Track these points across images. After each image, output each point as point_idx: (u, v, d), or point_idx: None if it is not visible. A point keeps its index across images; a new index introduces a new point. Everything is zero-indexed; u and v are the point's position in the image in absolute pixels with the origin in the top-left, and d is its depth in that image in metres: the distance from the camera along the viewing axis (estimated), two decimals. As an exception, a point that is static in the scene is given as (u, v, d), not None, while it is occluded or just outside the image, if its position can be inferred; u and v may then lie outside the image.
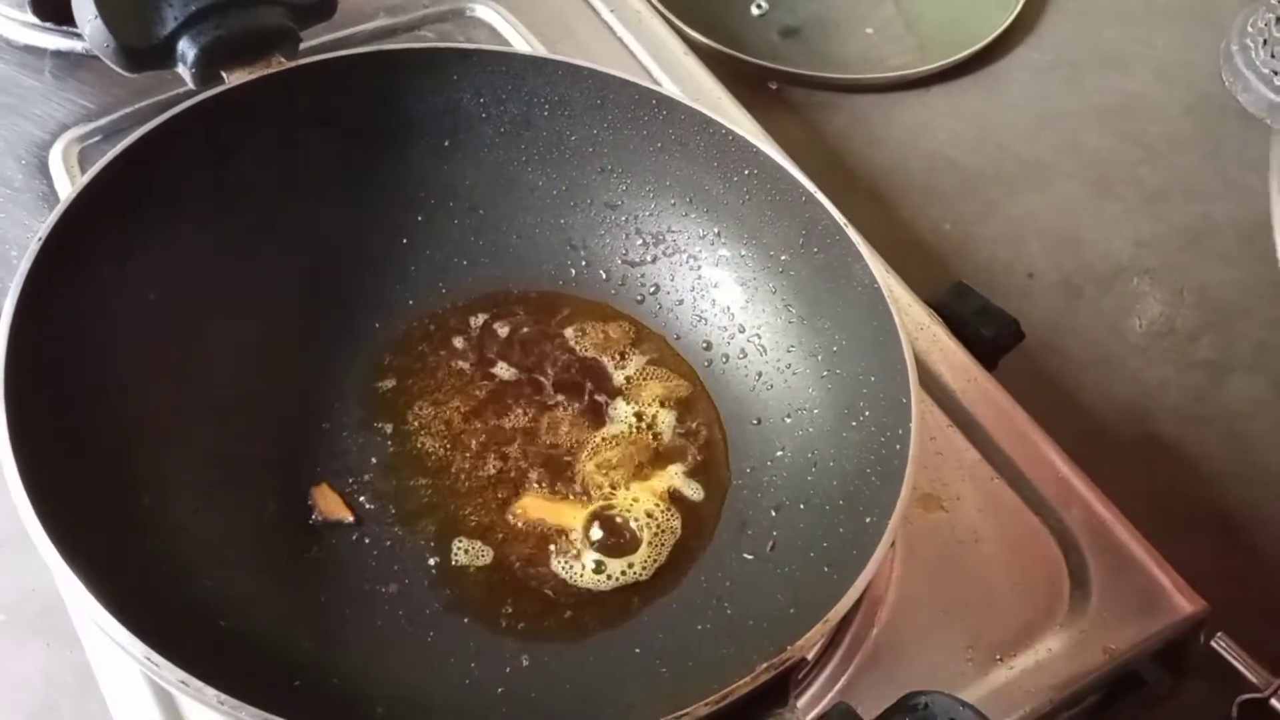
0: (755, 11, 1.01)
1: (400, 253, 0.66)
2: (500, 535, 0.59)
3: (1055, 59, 1.04)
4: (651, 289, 0.67)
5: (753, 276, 0.65)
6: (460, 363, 0.65)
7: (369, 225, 0.66)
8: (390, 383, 0.63)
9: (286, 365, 0.62)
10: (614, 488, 0.61)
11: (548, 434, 0.62)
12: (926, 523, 0.62)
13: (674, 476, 0.61)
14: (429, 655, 0.55)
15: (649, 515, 0.60)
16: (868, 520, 0.53)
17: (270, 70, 0.61)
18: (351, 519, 0.58)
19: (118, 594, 0.46)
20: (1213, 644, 0.61)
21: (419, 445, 0.61)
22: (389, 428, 0.62)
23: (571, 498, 0.60)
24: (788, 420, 0.62)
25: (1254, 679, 0.60)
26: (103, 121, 0.73)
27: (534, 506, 0.60)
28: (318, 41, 0.73)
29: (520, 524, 0.59)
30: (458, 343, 0.65)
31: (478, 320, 0.66)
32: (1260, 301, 0.88)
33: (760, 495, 0.61)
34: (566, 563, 0.58)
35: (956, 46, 1.00)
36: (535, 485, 0.60)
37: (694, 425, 0.64)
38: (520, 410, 0.63)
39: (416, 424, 0.62)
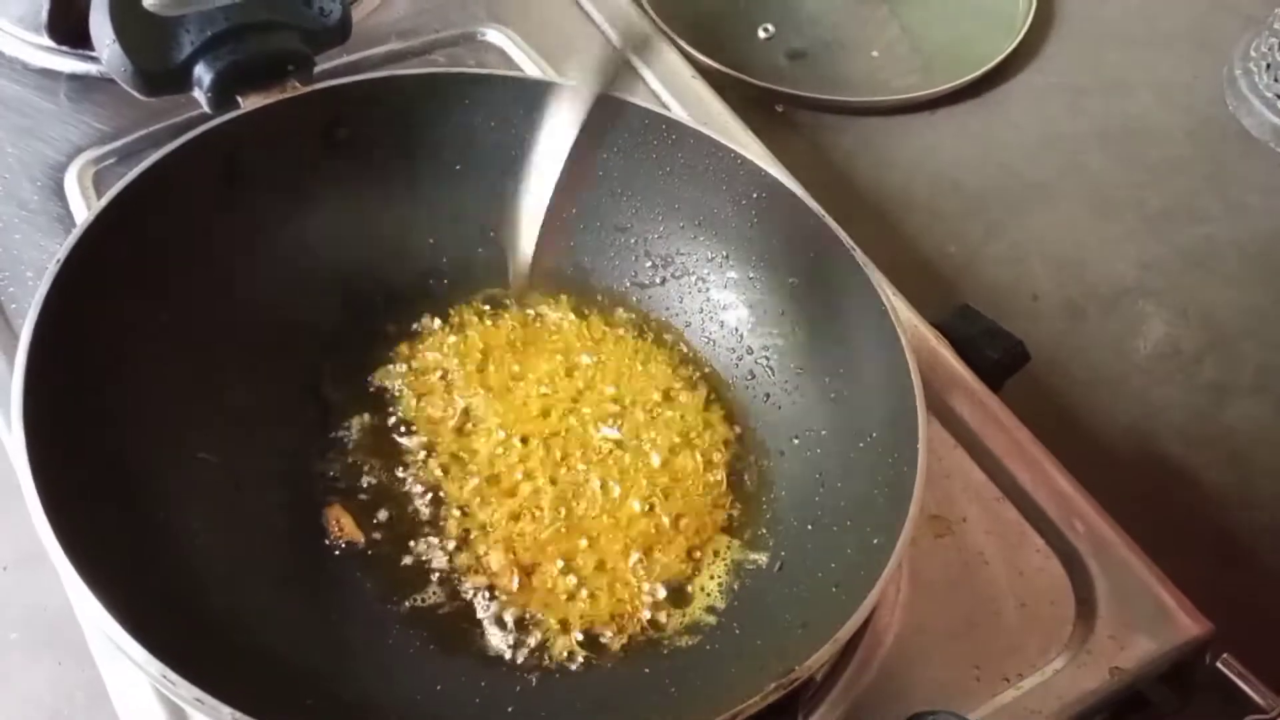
0: (762, 35, 1.02)
1: (412, 274, 0.67)
2: (513, 555, 0.59)
3: (1059, 82, 1.04)
4: (661, 311, 0.68)
5: (761, 299, 0.66)
6: (473, 384, 0.65)
7: (381, 247, 0.67)
8: (403, 402, 0.64)
9: (298, 384, 0.63)
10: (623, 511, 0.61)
11: (558, 451, 0.63)
12: (933, 543, 0.62)
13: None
14: (440, 674, 0.55)
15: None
16: (875, 541, 0.53)
17: (285, 95, 0.62)
18: (364, 538, 0.59)
19: (134, 612, 0.46)
20: (1218, 665, 0.61)
21: (433, 466, 0.62)
22: (402, 448, 0.62)
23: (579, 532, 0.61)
24: (795, 441, 0.63)
25: (1260, 700, 0.60)
26: (118, 144, 0.74)
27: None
28: (331, 65, 0.73)
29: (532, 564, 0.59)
30: (471, 364, 0.66)
31: (491, 341, 0.67)
32: (1263, 323, 0.88)
33: (768, 515, 0.61)
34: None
35: (961, 69, 1.01)
36: (545, 500, 0.61)
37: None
38: (534, 429, 0.64)
39: (430, 445, 0.63)
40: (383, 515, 0.60)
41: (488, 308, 0.68)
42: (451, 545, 0.59)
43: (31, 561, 0.67)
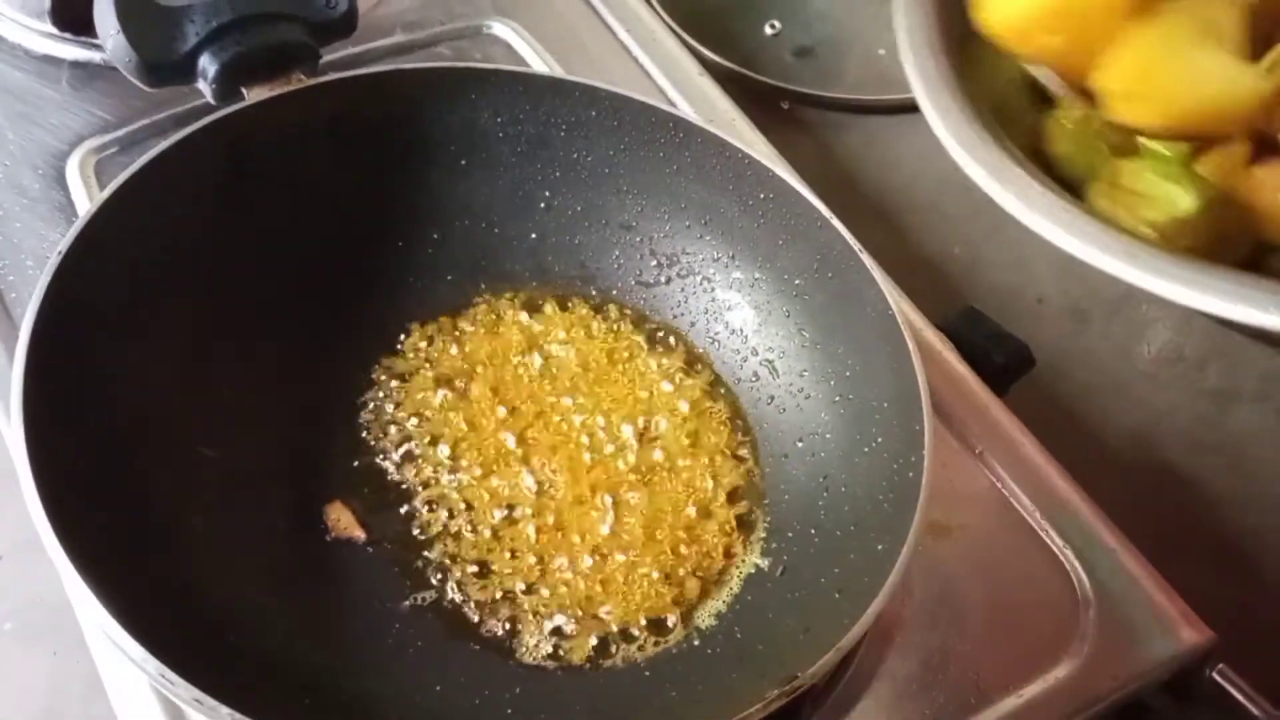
0: (769, 31, 1.02)
1: (415, 269, 0.67)
2: (517, 555, 0.59)
3: (1066, 83, 1.04)
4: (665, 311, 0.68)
5: (767, 300, 0.65)
6: (474, 380, 0.65)
7: (384, 241, 0.66)
8: (406, 400, 0.64)
9: (299, 380, 0.63)
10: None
11: (565, 452, 0.62)
12: (935, 548, 0.62)
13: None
14: (440, 674, 0.55)
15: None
16: (880, 547, 0.53)
17: (290, 87, 0.62)
18: (364, 536, 0.58)
19: (133, 611, 0.46)
20: (1214, 675, 0.61)
21: (435, 464, 0.61)
22: (404, 446, 0.62)
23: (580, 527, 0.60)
24: (799, 445, 0.62)
25: (1257, 712, 0.60)
26: (120, 133, 0.73)
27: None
28: (336, 56, 0.73)
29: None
30: (475, 362, 0.65)
31: (492, 338, 0.66)
32: (1268, 330, 0.88)
33: (771, 519, 0.61)
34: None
35: (968, 69, 1.00)
36: (550, 501, 0.61)
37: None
38: (538, 431, 0.63)
39: (432, 443, 0.62)
40: (384, 513, 0.59)
41: (492, 306, 0.67)
42: (453, 544, 0.59)
43: (27, 551, 0.67)
